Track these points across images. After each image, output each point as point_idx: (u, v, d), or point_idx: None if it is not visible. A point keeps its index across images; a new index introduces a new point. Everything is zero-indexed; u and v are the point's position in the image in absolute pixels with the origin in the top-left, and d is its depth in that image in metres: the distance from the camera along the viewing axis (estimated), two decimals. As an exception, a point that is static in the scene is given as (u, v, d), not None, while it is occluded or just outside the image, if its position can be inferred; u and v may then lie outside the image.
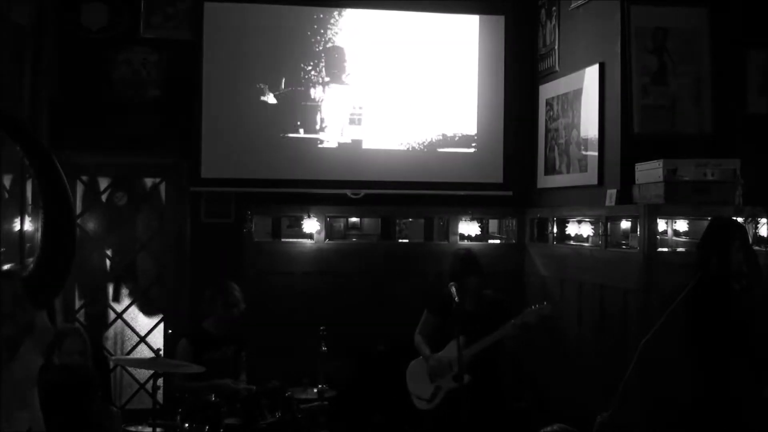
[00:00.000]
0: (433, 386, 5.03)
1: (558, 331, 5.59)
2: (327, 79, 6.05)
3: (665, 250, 4.83)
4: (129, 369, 6.04)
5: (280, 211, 6.21)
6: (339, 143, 6.06)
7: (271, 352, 5.62)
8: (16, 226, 4.90)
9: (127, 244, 6.21)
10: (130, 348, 6.13)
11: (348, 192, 6.12)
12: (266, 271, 5.99)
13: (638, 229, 4.66)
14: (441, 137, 6.17)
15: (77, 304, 6.05)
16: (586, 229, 5.52)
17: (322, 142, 6.03)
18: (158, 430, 4.26)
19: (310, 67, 6.03)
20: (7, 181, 4.76)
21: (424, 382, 5.08)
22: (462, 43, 6.21)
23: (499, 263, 6.17)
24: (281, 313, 5.90)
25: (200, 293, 5.39)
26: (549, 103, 5.95)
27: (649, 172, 4.66)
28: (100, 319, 6.08)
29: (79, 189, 6.05)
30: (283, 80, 5.99)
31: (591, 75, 5.30)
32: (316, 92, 6.03)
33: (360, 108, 6.09)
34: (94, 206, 6.12)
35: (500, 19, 6.23)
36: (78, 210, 5.98)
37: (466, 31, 6.22)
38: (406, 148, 6.13)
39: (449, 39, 6.20)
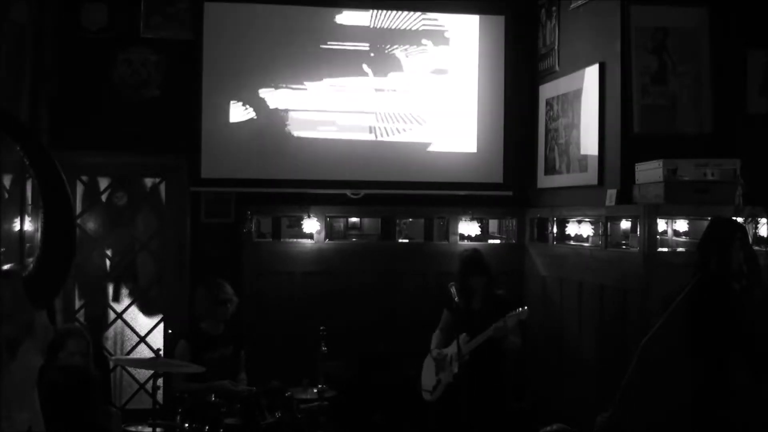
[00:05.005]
0: (435, 379, 5.09)
1: (558, 331, 5.59)
2: (328, 78, 6.06)
3: (665, 250, 4.83)
4: (129, 369, 6.04)
5: (280, 211, 6.21)
6: (340, 143, 6.06)
7: (271, 352, 5.62)
8: (16, 226, 4.90)
9: (127, 244, 6.21)
10: (130, 348, 6.13)
11: (348, 192, 6.12)
12: (266, 271, 5.99)
13: (638, 229, 4.66)
14: (441, 137, 6.17)
15: (77, 304, 6.05)
16: (586, 229, 5.52)
17: (320, 141, 6.03)
18: (158, 430, 4.26)
19: (310, 67, 6.03)
20: (7, 181, 4.76)
21: (431, 374, 5.15)
22: (462, 43, 6.22)
23: (499, 263, 6.15)
24: (281, 313, 5.91)
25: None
26: (549, 103, 5.95)
27: (649, 172, 4.66)
28: (100, 319, 6.08)
29: (79, 189, 6.05)
30: (283, 80, 5.99)
31: (591, 75, 5.30)
32: (316, 91, 6.04)
33: (360, 107, 6.09)
34: (94, 206, 6.12)
35: (500, 19, 6.23)
36: (78, 210, 5.98)
37: (466, 31, 6.22)
38: (405, 148, 6.13)
39: (449, 39, 6.20)
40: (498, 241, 6.53)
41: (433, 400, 5.13)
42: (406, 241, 6.47)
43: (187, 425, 4.36)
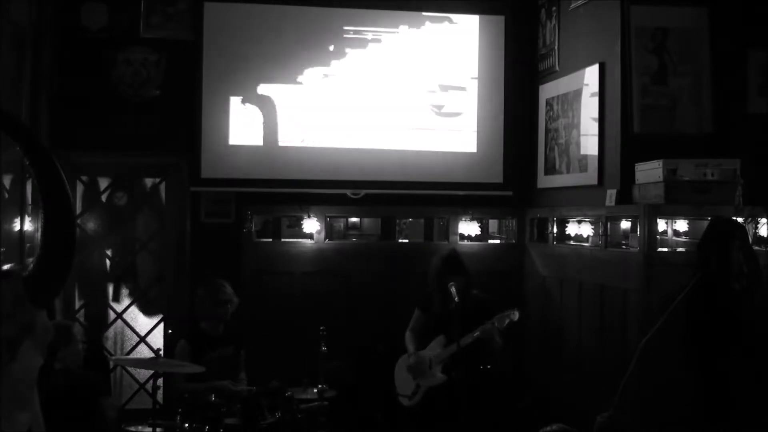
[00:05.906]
0: (414, 383, 5.06)
1: (558, 331, 5.59)
2: (327, 78, 6.05)
3: (665, 250, 4.83)
4: (129, 369, 6.04)
5: (280, 211, 6.21)
6: (338, 143, 6.06)
7: (271, 352, 5.62)
8: (16, 226, 4.90)
9: (127, 244, 6.22)
10: (130, 348, 6.13)
11: (348, 192, 6.12)
12: (266, 271, 5.99)
13: (638, 229, 4.66)
14: (441, 137, 6.17)
15: (77, 304, 6.05)
16: (586, 229, 5.52)
17: (320, 141, 6.03)
18: (158, 430, 4.25)
19: (309, 67, 6.03)
20: (7, 181, 4.76)
21: (407, 379, 5.11)
22: (462, 42, 6.22)
23: (499, 263, 6.17)
24: (281, 313, 5.91)
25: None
26: (549, 103, 5.95)
27: (649, 172, 4.66)
28: (100, 319, 6.08)
29: (79, 189, 6.05)
30: (283, 80, 6.00)
31: (591, 75, 5.30)
32: (316, 91, 6.04)
33: (360, 107, 6.09)
34: (94, 206, 6.12)
35: (500, 19, 6.23)
36: (78, 210, 5.98)
37: (466, 31, 6.22)
38: (406, 148, 6.13)
39: (449, 39, 6.20)
40: (498, 241, 6.53)
41: (411, 405, 5.07)
42: (406, 241, 6.47)
43: (187, 425, 4.35)
